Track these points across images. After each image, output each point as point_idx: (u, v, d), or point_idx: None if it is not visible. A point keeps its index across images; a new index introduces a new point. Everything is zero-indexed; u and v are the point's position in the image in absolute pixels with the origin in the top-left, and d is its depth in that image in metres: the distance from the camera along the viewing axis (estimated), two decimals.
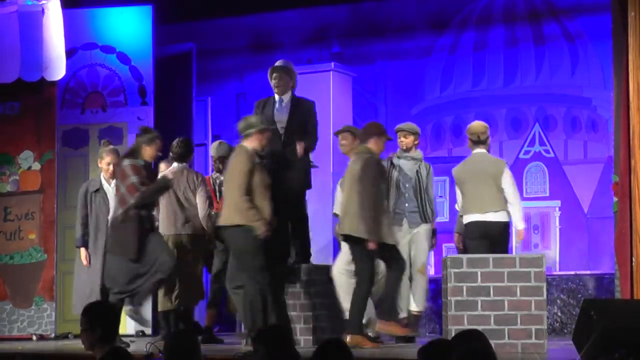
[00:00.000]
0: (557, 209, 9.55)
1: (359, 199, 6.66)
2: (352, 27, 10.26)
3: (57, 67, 8.60)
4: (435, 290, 8.92)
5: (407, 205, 7.32)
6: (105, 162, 7.61)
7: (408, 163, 7.36)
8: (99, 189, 7.63)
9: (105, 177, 7.65)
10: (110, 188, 7.57)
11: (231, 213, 6.56)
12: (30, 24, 8.57)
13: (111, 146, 7.77)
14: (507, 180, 6.96)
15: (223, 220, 6.66)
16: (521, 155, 9.80)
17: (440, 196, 9.68)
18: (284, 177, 6.98)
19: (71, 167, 8.91)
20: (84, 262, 7.58)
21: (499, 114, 9.94)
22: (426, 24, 10.06)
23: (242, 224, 6.49)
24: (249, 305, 6.48)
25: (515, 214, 6.96)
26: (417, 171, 7.33)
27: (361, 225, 6.61)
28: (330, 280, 7.08)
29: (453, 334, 5.70)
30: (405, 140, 7.42)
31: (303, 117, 7.19)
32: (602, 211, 8.98)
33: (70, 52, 8.80)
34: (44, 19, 8.58)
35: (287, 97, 7.24)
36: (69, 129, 8.93)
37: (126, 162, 6.92)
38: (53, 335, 8.37)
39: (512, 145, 9.85)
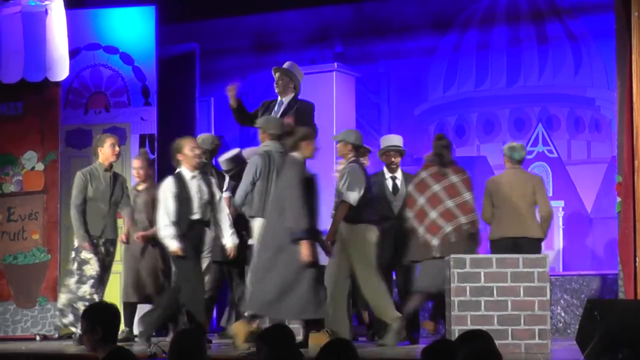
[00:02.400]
0: (560, 209, 9.53)
1: None
2: (355, 27, 10.26)
3: (61, 68, 8.60)
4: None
5: None
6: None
7: None
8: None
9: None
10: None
11: (540, 227, 7.27)
12: (33, 25, 8.58)
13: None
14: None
15: (537, 233, 7.26)
16: None
17: None
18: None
19: (74, 167, 8.88)
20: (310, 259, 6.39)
21: (502, 114, 9.93)
22: (429, 24, 10.05)
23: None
24: None
25: None
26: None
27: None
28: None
29: (456, 335, 5.70)
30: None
31: (297, 118, 7.23)
32: (605, 211, 8.97)
33: (73, 53, 8.81)
34: (47, 20, 8.59)
35: (287, 100, 7.33)
36: (72, 129, 8.94)
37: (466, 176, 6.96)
38: (56, 335, 8.37)
39: None
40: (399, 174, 7.54)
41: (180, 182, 6.71)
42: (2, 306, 8.51)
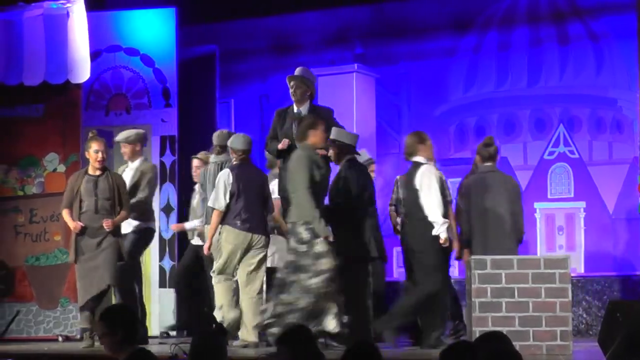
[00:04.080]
0: (582, 210, 9.48)
1: None
2: (375, 28, 10.24)
3: (82, 70, 8.66)
4: (459, 291, 8.89)
5: None
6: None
7: None
8: None
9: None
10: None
11: None
12: (55, 27, 8.64)
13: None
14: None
15: None
16: (545, 156, 9.74)
17: None
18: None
19: None
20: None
21: (523, 114, 9.89)
22: (449, 24, 10.02)
23: None
24: None
25: None
26: None
27: None
28: None
29: (477, 336, 5.68)
30: None
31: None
32: (627, 212, 8.91)
33: (94, 55, 8.86)
34: (68, 22, 8.64)
35: (305, 109, 7.19)
36: None
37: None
38: (79, 336, 8.40)
39: (536, 146, 9.79)
40: None
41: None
42: (25, 307, 8.57)
